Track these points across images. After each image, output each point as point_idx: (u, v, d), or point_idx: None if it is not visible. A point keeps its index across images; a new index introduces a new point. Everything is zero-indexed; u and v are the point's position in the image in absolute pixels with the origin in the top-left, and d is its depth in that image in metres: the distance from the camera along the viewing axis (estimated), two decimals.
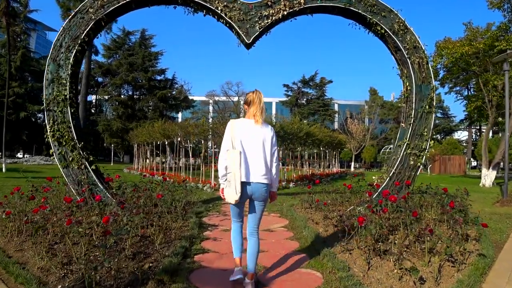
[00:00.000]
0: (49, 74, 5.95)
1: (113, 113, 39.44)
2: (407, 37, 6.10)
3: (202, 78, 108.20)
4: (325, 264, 3.57)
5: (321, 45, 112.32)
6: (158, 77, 40.24)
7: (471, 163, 42.33)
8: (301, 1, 6.02)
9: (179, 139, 15.19)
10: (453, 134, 50.20)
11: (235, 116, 41.35)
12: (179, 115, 48.66)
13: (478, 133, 45.83)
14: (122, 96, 38.87)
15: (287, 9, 6.03)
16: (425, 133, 5.99)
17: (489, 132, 18.61)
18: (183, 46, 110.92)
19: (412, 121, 6.03)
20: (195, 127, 13.41)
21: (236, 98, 48.91)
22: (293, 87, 51.39)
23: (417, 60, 6.08)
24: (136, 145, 21.65)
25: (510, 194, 9.06)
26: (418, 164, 6.01)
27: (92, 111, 44.83)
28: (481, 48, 14.78)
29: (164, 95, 37.97)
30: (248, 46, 6.32)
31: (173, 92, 40.63)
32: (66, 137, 5.81)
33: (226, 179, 2.92)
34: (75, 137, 5.86)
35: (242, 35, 6.05)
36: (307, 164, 20.56)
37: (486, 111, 15.91)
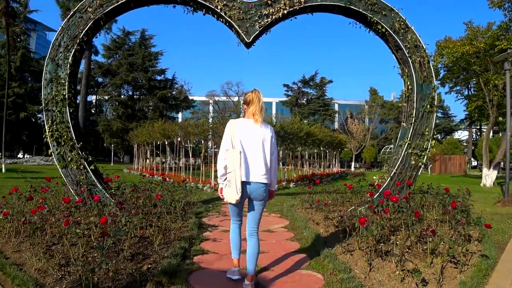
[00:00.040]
0: (48, 74, 5.92)
1: (113, 113, 39.37)
2: (408, 36, 6.06)
3: (202, 78, 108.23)
4: (326, 266, 3.52)
5: (321, 45, 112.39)
6: (158, 77, 40.20)
7: (471, 163, 42.28)
8: (302, 0, 5.97)
9: (179, 139, 15.14)
10: (453, 134, 50.15)
11: (235, 116, 41.33)
12: (179, 115, 48.62)
13: (479, 133, 45.76)
14: (122, 96, 38.80)
15: (287, 8, 5.98)
16: (427, 133, 5.95)
17: (490, 132, 18.53)
18: (183, 46, 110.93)
19: (413, 121, 5.98)
20: (195, 127, 13.37)
21: (236, 98, 48.84)
22: (293, 87, 51.37)
23: (418, 59, 6.03)
24: (136, 145, 21.60)
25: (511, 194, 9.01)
26: (420, 164, 5.96)
27: (92, 111, 44.77)
28: (482, 48, 14.74)
29: (164, 95, 37.94)
30: (248, 45, 6.28)
31: (173, 92, 40.59)
32: (65, 137, 5.77)
33: (226, 179, 2.92)
34: (74, 137, 5.82)
35: (242, 34, 6.00)
36: (308, 164, 20.50)
37: (487, 111, 15.87)
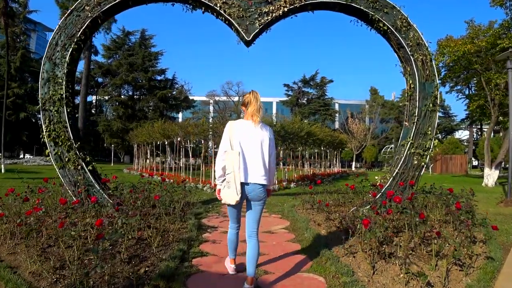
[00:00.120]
0: (45, 73, 5.84)
1: (113, 114, 39.29)
2: (410, 34, 5.96)
3: (202, 78, 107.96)
4: (328, 268, 3.44)
5: (322, 43, 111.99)
6: (158, 77, 40.15)
7: (472, 163, 42.14)
8: None
9: (179, 139, 15.06)
10: (454, 134, 50.03)
11: (236, 116, 41.29)
12: (180, 115, 48.56)
13: (479, 133, 45.64)
14: (122, 97, 38.74)
15: (288, 6, 5.89)
16: (429, 132, 5.85)
17: (491, 131, 18.41)
18: (183, 46, 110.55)
19: (416, 120, 5.88)
20: (195, 127, 13.29)
21: (237, 98, 48.77)
22: (294, 87, 51.27)
23: (421, 57, 5.94)
24: (136, 145, 21.53)
25: None
26: (422, 164, 5.87)
27: (92, 112, 44.68)
28: (483, 46, 14.63)
29: (164, 95, 37.86)
30: (248, 44, 6.19)
31: (173, 92, 40.51)
32: (62, 137, 5.69)
33: (225, 180, 2.91)
34: (72, 137, 5.74)
35: (242, 33, 5.91)
36: (308, 164, 20.41)
37: (489, 110, 15.76)
